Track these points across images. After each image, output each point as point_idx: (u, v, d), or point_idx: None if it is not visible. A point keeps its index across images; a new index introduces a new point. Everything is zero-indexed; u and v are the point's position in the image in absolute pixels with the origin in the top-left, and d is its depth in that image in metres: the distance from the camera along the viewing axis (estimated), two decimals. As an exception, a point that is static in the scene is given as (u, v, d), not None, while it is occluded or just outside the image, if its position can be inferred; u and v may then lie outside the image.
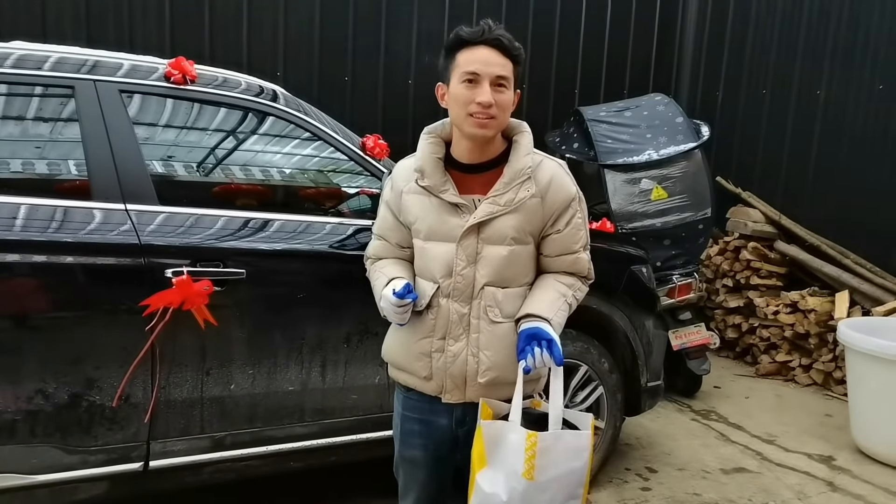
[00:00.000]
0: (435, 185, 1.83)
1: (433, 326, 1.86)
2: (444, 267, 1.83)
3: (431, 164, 1.84)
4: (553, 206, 1.85)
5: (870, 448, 3.85)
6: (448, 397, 1.87)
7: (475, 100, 1.74)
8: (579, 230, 1.89)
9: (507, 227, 1.81)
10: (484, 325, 1.83)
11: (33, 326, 2.34)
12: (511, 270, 1.84)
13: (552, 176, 1.85)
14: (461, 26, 1.80)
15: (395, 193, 1.92)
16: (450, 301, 1.84)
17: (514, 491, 1.72)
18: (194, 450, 2.55)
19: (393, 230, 1.96)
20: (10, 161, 2.55)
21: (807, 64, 5.55)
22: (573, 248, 1.89)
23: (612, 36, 6.24)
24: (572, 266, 1.91)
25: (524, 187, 1.80)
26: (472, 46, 1.77)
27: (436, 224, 1.84)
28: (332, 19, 5.30)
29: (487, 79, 1.75)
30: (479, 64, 1.75)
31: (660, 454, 3.82)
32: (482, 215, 1.79)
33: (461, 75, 1.76)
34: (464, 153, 1.85)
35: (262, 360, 2.62)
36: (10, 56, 2.47)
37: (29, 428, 2.31)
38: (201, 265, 2.47)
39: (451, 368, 1.85)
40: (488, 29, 1.76)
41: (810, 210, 5.43)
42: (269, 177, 3.06)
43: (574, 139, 4.80)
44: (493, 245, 1.81)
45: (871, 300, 4.78)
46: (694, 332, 4.52)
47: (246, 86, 2.82)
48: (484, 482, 1.76)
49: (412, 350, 1.89)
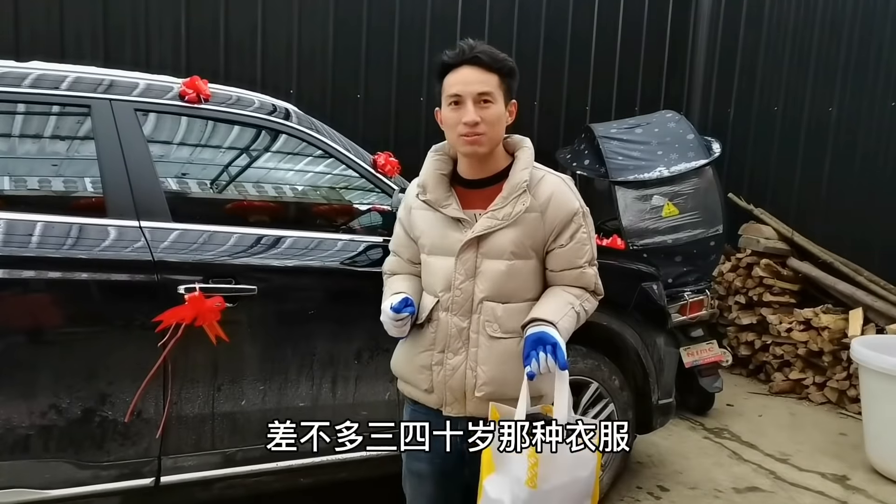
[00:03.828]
0: (437, 200, 1.87)
1: (433, 340, 1.89)
2: (444, 280, 1.87)
3: (434, 180, 1.89)
4: (554, 221, 1.86)
5: (885, 468, 3.81)
6: (449, 410, 1.89)
7: (461, 120, 1.78)
8: (584, 245, 1.89)
9: (506, 242, 1.83)
10: (483, 339, 1.85)
11: (48, 342, 2.37)
12: (511, 285, 1.86)
13: (553, 191, 1.86)
14: (445, 51, 1.84)
15: (406, 210, 2.00)
16: (449, 315, 1.87)
17: (518, 499, 1.72)
18: (205, 465, 2.56)
19: (405, 246, 2.02)
20: (28, 178, 2.59)
21: (819, 80, 5.54)
22: (577, 262, 1.89)
23: (623, 53, 6.26)
24: (577, 280, 1.91)
25: (520, 201, 1.82)
26: (455, 69, 1.81)
27: (438, 238, 1.88)
28: (345, 37, 5.35)
29: (470, 98, 1.78)
30: (459, 85, 1.79)
31: (672, 473, 3.79)
32: (481, 229, 1.82)
33: (447, 99, 1.82)
34: (466, 170, 1.90)
35: (274, 376, 2.63)
36: (29, 76, 2.51)
37: (42, 443, 2.33)
38: (213, 281, 2.49)
39: (451, 382, 1.87)
40: (468, 49, 1.80)
41: (823, 227, 5.40)
42: (282, 194, 3.09)
43: (585, 156, 4.81)
44: (491, 259, 1.84)
45: (886, 318, 4.74)
46: (706, 349, 4.49)
47: (259, 104, 2.85)
48: (490, 488, 1.76)
49: (414, 363, 1.93)
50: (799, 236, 5.39)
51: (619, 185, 4.47)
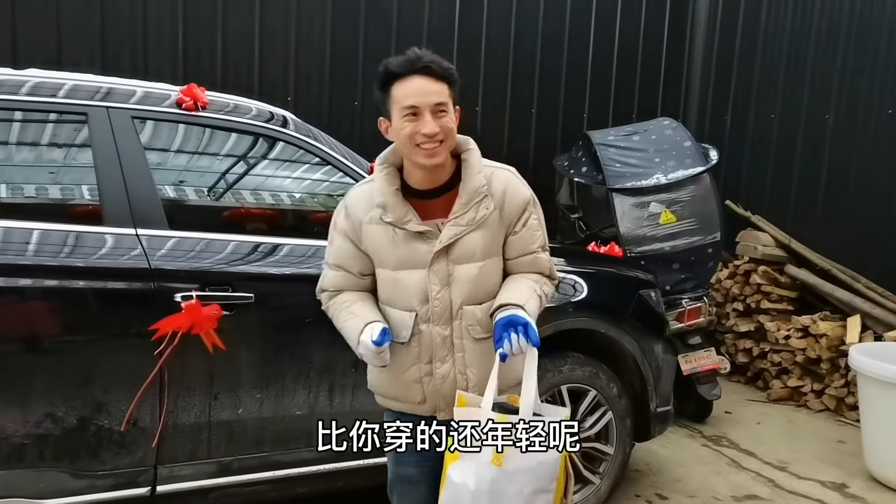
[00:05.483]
0: (399, 219, 1.84)
1: (418, 354, 1.89)
2: (420, 293, 1.86)
3: (392, 198, 1.85)
4: (511, 214, 1.90)
5: (884, 475, 3.80)
6: (443, 415, 1.90)
7: (420, 131, 1.76)
8: (535, 231, 1.94)
9: (474, 245, 1.85)
10: (468, 343, 1.88)
11: (44, 349, 2.36)
12: (484, 287, 1.89)
13: (506, 186, 1.89)
14: (390, 59, 1.81)
15: (352, 222, 1.91)
16: (430, 325, 1.87)
17: (483, 480, 1.74)
18: (201, 474, 2.55)
19: (354, 258, 1.94)
20: (25, 186, 2.59)
21: (815, 88, 5.55)
22: (531, 248, 1.94)
23: (620, 60, 6.27)
24: (532, 266, 1.95)
25: (482, 205, 1.84)
26: (403, 78, 1.78)
27: (404, 254, 1.85)
28: (343, 46, 5.35)
29: (427, 109, 1.77)
30: (416, 96, 1.76)
31: (670, 481, 3.78)
32: (448, 238, 1.83)
33: (401, 110, 1.78)
34: (419, 181, 1.87)
35: (270, 385, 2.62)
36: (26, 83, 2.51)
37: (37, 452, 2.32)
38: (210, 289, 2.48)
39: (442, 389, 1.89)
40: (417, 58, 1.78)
41: (820, 233, 5.41)
42: (279, 201, 3.09)
43: (582, 163, 4.82)
44: (462, 265, 1.85)
45: (883, 325, 4.74)
46: (704, 356, 4.49)
47: (256, 112, 2.85)
48: (454, 473, 1.77)
49: (402, 381, 1.92)
50: (796, 243, 5.40)
51: (617, 193, 4.48)
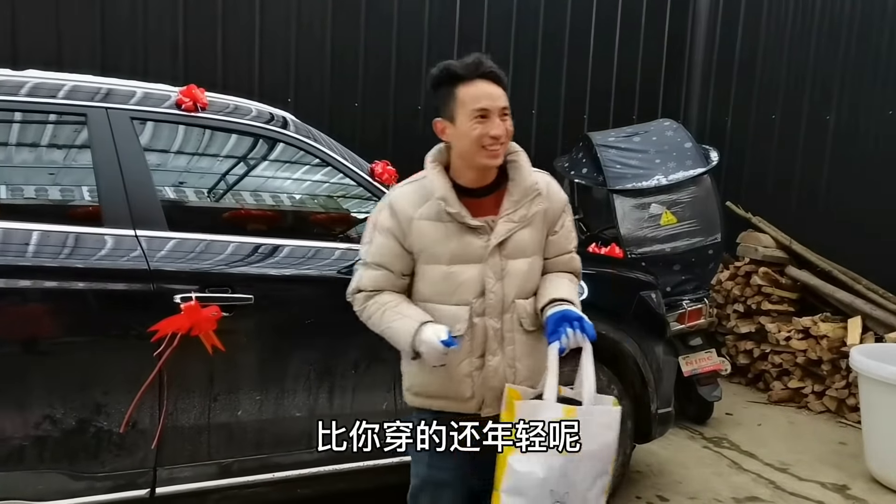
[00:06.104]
0: (459, 212, 1.89)
1: (470, 347, 1.93)
2: (476, 286, 1.91)
3: (450, 192, 1.91)
4: (554, 214, 2.01)
5: (885, 477, 3.79)
6: (488, 411, 1.94)
7: (489, 133, 1.84)
8: (570, 232, 2.08)
9: (525, 241, 1.94)
10: (518, 335, 1.95)
11: (43, 351, 2.35)
12: (533, 281, 1.99)
13: (548, 187, 2.01)
14: (450, 61, 1.90)
15: (399, 220, 1.93)
16: (484, 318, 1.92)
17: (552, 468, 1.79)
18: (201, 476, 2.54)
19: (397, 257, 1.96)
20: (24, 187, 2.58)
21: (816, 88, 5.55)
22: (568, 247, 2.07)
23: (620, 61, 6.27)
24: (568, 265, 2.07)
25: (535, 202, 1.95)
26: (469, 81, 1.85)
27: (458, 248, 1.90)
28: (343, 47, 5.35)
29: (496, 112, 1.85)
30: (487, 100, 1.85)
31: (671, 482, 3.77)
32: (503, 233, 1.91)
33: (471, 112, 1.84)
34: (470, 180, 1.94)
35: (270, 386, 2.62)
36: (26, 84, 2.50)
37: (36, 453, 2.31)
38: (210, 291, 2.48)
39: (492, 382, 1.93)
40: (480, 62, 1.86)
41: (821, 235, 5.40)
42: (279, 202, 3.08)
43: (583, 164, 4.80)
44: (514, 260, 1.93)
45: (884, 326, 4.73)
46: (705, 357, 4.48)
47: (256, 113, 2.85)
48: (517, 463, 1.80)
49: (455, 375, 1.93)
50: (797, 244, 5.39)
51: (617, 194, 4.47)
